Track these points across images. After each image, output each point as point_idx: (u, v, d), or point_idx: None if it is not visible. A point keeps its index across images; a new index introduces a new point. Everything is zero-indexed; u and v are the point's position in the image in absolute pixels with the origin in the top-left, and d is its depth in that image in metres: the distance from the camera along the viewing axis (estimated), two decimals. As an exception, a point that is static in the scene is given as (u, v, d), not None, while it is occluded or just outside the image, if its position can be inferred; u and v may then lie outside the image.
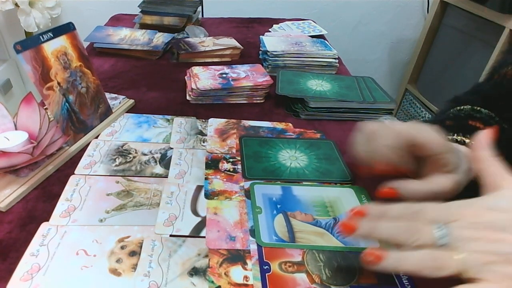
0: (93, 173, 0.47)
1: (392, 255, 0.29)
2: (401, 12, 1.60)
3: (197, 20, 1.10)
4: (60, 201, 0.42)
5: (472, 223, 0.30)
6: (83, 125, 0.53)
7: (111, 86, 0.71)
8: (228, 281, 0.34)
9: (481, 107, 0.48)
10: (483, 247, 0.28)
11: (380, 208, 0.32)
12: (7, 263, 0.35)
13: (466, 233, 0.29)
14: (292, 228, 0.40)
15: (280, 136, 0.57)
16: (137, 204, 0.43)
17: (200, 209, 0.42)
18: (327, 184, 0.47)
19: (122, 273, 0.35)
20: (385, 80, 1.80)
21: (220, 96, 0.66)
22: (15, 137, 0.46)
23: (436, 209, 0.31)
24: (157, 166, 0.49)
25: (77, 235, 0.38)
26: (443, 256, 0.28)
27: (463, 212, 0.30)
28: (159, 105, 0.65)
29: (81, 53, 0.53)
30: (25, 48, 0.44)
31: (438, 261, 0.28)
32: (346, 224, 0.31)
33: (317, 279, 0.35)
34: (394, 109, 0.63)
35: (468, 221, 0.30)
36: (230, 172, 0.48)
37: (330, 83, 0.69)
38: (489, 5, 1.15)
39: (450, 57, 1.39)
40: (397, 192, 0.40)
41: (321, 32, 1.00)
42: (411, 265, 0.28)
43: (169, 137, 0.55)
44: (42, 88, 0.46)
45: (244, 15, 1.27)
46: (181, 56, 0.83)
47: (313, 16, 1.42)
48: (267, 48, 0.80)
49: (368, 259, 0.29)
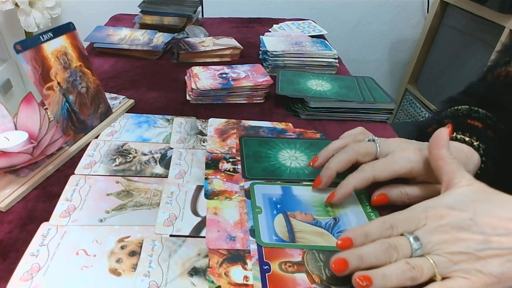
0: (93, 173, 0.47)
1: (377, 275, 0.31)
2: (401, 12, 1.60)
3: (197, 20, 1.10)
4: (60, 201, 0.42)
5: (438, 226, 0.32)
6: (83, 125, 0.53)
7: (111, 86, 0.71)
8: (228, 281, 0.34)
9: (478, 108, 0.48)
10: (451, 248, 0.31)
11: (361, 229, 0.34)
12: (7, 263, 0.35)
13: (435, 237, 0.32)
14: (292, 228, 0.40)
15: (280, 136, 0.57)
16: (137, 204, 0.43)
17: (200, 209, 0.42)
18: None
19: (122, 273, 0.35)
20: (385, 80, 1.80)
21: (220, 96, 0.66)
22: (15, 137, 0.46)
23: (407, 219, 0.34)
24: (157, 166, 0.49)
25: (77, 235, 0.38)
26: (418, 262, 0.31)
27: (428, 215, 0.33)
28: (159, 105, 0.65)
29: (81, 53, 0.53)
30: (25, 48, 0.44)
31: (415, 269, 0.30)
32: (338, 262, 0.32)
33: (317, 279, 0.35)
34: (394, 109, 0.63)
35: (434, 224, 0.32)
36: (230, 172, 0.48)
37: (330, 83, 0.69)
38: (489, 5, 1.15)
39: (450, 57, 1.39)
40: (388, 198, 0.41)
41: (321, 32, 1.00)
42: (397, 280, 0.30)
43: (169, 137, 0.55)
44: (42, 88, 0.46)
45: (244, 15, 1.27)
46: (181, 56, 0.83)
47: (313, 16, 1.42)
48: (267, 48, 0.80)
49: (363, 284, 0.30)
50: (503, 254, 0.30)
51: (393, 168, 0.40)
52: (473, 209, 0.32)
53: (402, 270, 0.31)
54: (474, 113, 0.48)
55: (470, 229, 0.31)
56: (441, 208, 0.33)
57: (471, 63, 1.29)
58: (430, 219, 0.33)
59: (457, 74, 1.36)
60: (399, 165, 0.40)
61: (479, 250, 0.30)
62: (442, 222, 0.32)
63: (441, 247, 0.31)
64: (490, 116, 0.48)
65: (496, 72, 0.53)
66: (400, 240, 0.32)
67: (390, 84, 1.82)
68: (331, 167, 0.43)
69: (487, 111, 0.48)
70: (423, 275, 0.30)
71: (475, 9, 1.23)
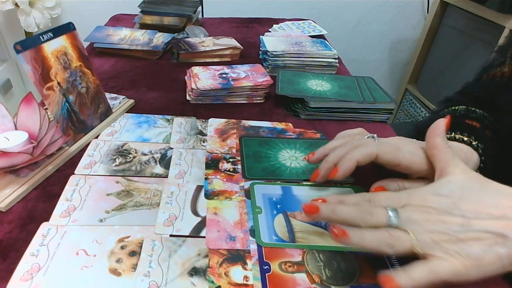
0: (93, 173, 0.47)
1: (354, 232, 0.31)
2: (401, 12, 1.60)
3: (197, 20, 1.10)
4: (60, 201, 0.42)
5: (419, 206, 0.32)
6: (83, 125, 0.53)
7: (111, 86, 0.71)
8: (228, 281, 0.34)
9: (475, 108, 0.49)
10: (431, 227, 0.31)
11: (338, 197, 0.35)
12: (7, 263, 0.35)
13: (415, 215, 0.32)
14: (292, 228, 0.40)
15: (280, 136, 0.57)
16: (137, 204, 0.43)
17: (200, 209, 0.42)
18: (327, 184, 0.47)
19: (122, 273, 0.35)
20: (385, 80, 1.80)
21: (220, 96, 0.66)
22: (15, 137, 0.46)
23: (387, 196, 0.34)
24: (157, 166, 0.49)
25: (77, 235, 0.38)
26: (397, 233, 0.31)
27: (411, 198, 0.33)
28: (159, 105, 0.65)
29: (81, 53, 0.53)
30: (25, 48, 0.44)
31: (393, 237, 0.31)
32: (309, 206, 0.34)
33: (317, 279, 0.35)
34: (394, 109, 0.63)
35: (416, 204, 0.33)
36: (230, 172, 0.48)
37: (330, 83, 0.69)
38: (489, 5, 1.15)
39: (450, 57, 1.39)
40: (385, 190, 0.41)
41: (321, 32, 1.00)
42: (371, 241, 0.31)
43: (169, 137, 0.55)
44: (42, 88, 0.46)
45: (244, 15, 1.27)
46: (181, 56, 0.83)
47: (313, 16, 1.42)
48: (267, 48, 0.80)
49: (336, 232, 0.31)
50: (483, 238, 0.30)
51: (397, 155, 0.40)
52: (460, 195, 0.32)
53: (380, 235, 0.31)
54: (472, 113, 0.48)
55: (451, 212, 0.31)
56: (426, 193, 0.33)
57: (471, 63, 1.29)
58: (413, 200, 0.33)
59: (457, 74, 1.36)
60: (402, 154, 0.40)
61: (459, 231, 0.30)
62: (424, 204, 0.32)
63: (421, 225, 0.31)
64: (487, 116, 0.48)
65: (491, 72, 0.53)
66: (377, 208, 0.33)
67: (390, 84, 1.82)
68: (330, 160, 0.43)
69: (484, 112, 0.48)
70: (401, 245, 0.31)
71: (475, 9, 1.23)
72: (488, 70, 0.54)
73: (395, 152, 0.40)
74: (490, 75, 0.53)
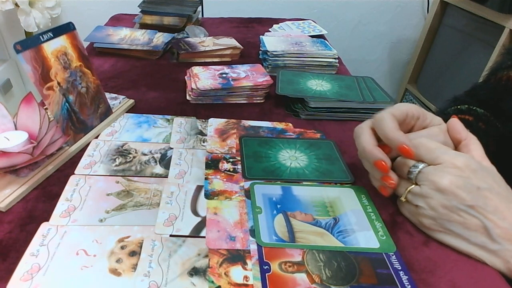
0: (93, 173, 0.47)
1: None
2: (401, 12, 1.60)
3: (197, 20, 1.10)
4: (60, 201, 0.42)
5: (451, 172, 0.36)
6: (83, 125, 0.53)
7: (111, 86, 0.71)
8: (228, 281, 0.34)
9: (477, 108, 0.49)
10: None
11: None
12: (7, 263, 0.35)
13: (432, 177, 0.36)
14: (292, 228, 0.40)
15: (280, 136, 0.57)
16: (137, 204, 0.43)
17: (200, 209, 0.42)
18: (327, 184, 0.47)
19: (122, 273, 0.35)
20: (385, 80, 1.80)
21: (220, 96, 0.66)
22: (15, 137, 0.46)
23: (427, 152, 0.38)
24: (157, 166, 0.49)
25: (77, 235, 0.38)
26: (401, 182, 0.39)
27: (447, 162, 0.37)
28: (159, 105, 0.65)
29: (81, 53, 0.53)
30: (25, 48, 0.44)
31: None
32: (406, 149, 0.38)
33: (317, 279, 0.35)
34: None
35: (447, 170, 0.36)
36: (230, 172, 0.48)
37: (330, 83, 0.69)
38: (489, 5, 1.15)
39: (450, 57, 1.39)
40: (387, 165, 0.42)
41: (321, 32, 1.00)
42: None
43: (169, 137, 0.55)
44: (42, 88, 0.46)
45: (244, 15, 1.27)
46: (181, 56, 0.83)
47: (313, 16, 1.42)
48: (267, 48, 0.80)
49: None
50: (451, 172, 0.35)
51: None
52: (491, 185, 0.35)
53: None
54: (471, 111, 0.49)
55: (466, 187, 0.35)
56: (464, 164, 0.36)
57: (471, 63, 1.29)
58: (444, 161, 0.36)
59: (457, 74, 1.36)
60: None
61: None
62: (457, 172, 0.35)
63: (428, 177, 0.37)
64: (488, 115, 0.48)
65: (499, 75, 0.53)
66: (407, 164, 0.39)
67: (390, 84, 1.82)
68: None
69: (487, 111, 0.48)
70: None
71: (475, 9, 1.23)
72: (496, 73, 0.54)
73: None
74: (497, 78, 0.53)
